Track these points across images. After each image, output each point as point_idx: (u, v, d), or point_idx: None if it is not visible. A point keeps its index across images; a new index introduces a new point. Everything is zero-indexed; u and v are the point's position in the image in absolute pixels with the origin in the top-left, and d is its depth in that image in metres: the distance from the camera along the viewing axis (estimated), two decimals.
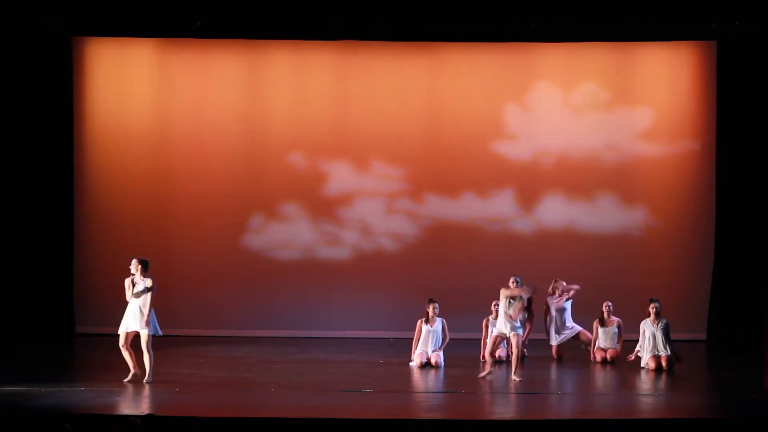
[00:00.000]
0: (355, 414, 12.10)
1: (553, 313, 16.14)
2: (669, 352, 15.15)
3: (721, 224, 17.97)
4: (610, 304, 15.90)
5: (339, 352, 16.71)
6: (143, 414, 11.07)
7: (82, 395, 13.02)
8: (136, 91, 18.36)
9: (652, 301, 15.43)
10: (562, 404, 13.22)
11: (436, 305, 15.24)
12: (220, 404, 12.78)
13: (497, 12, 16.01)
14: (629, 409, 13.02)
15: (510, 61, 18.34)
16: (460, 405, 13.15)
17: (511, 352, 14.53)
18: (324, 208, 18.44)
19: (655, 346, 15.20)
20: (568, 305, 16.14)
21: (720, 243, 17.98)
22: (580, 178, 18.31)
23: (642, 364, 15.23)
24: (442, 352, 15.26)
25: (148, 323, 13.48)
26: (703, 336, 17.87)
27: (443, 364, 15.16)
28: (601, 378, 15.19)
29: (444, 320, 15.31)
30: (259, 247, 18.45)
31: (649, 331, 15.27)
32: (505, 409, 12.97)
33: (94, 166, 18.37)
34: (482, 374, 14.35)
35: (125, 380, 13.52)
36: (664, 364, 15.08)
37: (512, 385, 14.13)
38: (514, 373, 14.18)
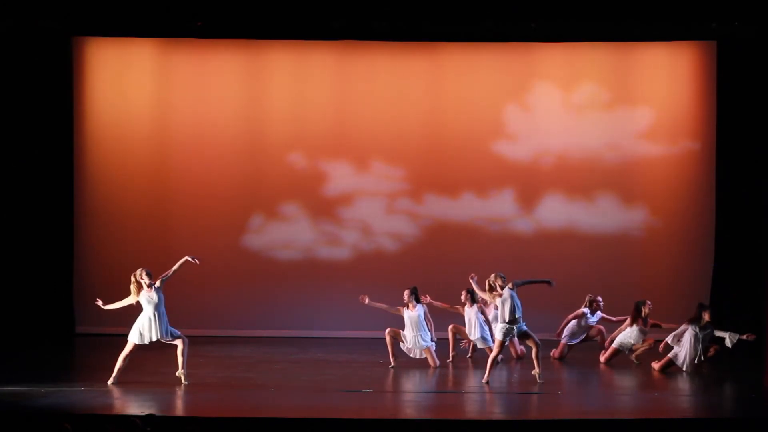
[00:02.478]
0: (355, 414, 12.12)
1: (581, 322, 16.14)
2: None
3: (721, 224, 17.97)
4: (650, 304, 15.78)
5: (339, 352, 16.71)
6: (143, 414, 11.07)
7: (82, 395, 13.03)
8: (136, 91, 18.36)
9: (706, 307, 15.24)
10: (563, 404, 13.21)
11: (408, 291, 15.30)
12: (220, 404, 12.79)
13: (497, 12, 15.99)
14: (629, 409, 13.04)
15: (510, 61, 18.33)
16: (460, 405, 13.15)
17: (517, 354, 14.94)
18: (324, 208, 18.44)
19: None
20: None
21: (720, 243, 17.97)
22: (580, 178, 18.30)
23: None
24: (433, 344, 15.31)
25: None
26: None
27: (435, 349, 15.34)
28: (601, 378, 15.19)
29: (425, 306, 15.36)
30: (259, 247, 18.45)
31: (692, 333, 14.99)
32: (504, 409, 12.98)
33: (94, 166, 18.37)
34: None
35: (110, 382, 13.64)
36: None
37: (513, 385, 14.15)
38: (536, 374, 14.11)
